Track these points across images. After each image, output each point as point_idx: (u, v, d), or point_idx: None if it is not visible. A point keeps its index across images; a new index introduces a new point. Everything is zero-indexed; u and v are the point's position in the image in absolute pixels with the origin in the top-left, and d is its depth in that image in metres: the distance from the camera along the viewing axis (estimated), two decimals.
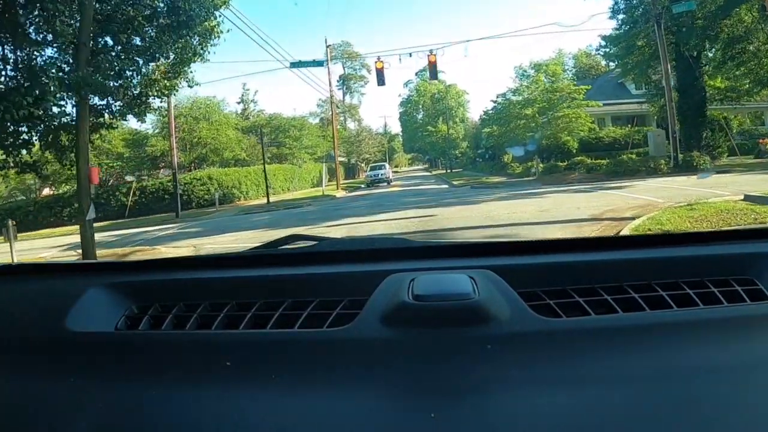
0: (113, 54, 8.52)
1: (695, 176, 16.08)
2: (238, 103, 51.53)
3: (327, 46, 30.03)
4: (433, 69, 19.70)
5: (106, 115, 9.86)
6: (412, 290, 0.84)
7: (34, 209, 25.66)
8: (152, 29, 8.37)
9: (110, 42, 8.70)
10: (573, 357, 0.76)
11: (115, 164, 29.30)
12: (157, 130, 30.61)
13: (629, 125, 31.33)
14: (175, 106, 30.23)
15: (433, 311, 0.81)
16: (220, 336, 0.88)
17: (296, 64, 22.19)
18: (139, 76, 9.19)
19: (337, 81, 66.24)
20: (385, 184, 31.86)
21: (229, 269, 1.08)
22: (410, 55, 21.90)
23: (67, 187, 25.82)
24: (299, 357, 0.81)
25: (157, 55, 8.46)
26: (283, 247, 1.26)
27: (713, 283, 0.90)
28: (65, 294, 1.00)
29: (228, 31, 10.33)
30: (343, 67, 67.67)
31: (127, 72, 9.01)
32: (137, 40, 8.38)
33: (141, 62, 8.69)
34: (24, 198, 31.55)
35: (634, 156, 21.58)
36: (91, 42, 8.71)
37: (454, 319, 0.80)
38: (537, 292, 0.89)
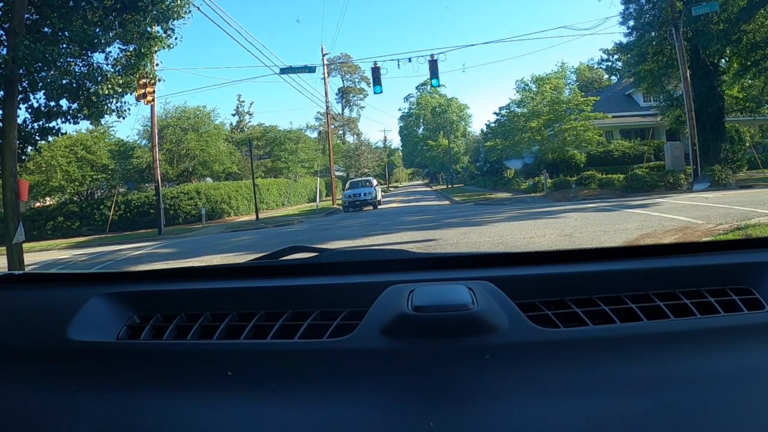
0: (50, 40, 7.01)
1: (720, 192, 14.92)
2: (233, 114, 50.49)
3: (323, 54, 28.67)
4: (433, 71, 18.34)
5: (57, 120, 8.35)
6: (411, 301, 0.84)
7: None
8: (93, 11, 6.88)
9: (46, 28, 7.21)
10: (571, 367, 0.76)
11: (99, 176, 27.83)
12: (144, 141, 29.14)
13: (639, 138, 30.13)
14: (165, 115, 29.06)
15: (433, 322, 0.81)
16: (221, 346, 0.87)
17: (286, 70, 20.72)
18: (85, 68, 7.70)
19: (336, 94, 65.30)
20: (371, 208, 23.15)
21: (230, 280, 1.08)
22: (410, 60, 20.56)
23: None
24: (300, 367, 0.81)
25: (101, 42, 6.95)
26: (284, 258, 1.24)
27: (710, 293, 0.90)
28: (67, 303, 0.99)
29: (193, 10, 8.80)
30: (343, 80, 66.85)
31: (70, 66, 7.51)
32: (77, 24, 6.88)
33: (84, 51, 7.17)
34: None
35: (647, 170, 20.21)
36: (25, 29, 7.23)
37: (453, 330, 0.80)
38: (535, 303, 0.89)
